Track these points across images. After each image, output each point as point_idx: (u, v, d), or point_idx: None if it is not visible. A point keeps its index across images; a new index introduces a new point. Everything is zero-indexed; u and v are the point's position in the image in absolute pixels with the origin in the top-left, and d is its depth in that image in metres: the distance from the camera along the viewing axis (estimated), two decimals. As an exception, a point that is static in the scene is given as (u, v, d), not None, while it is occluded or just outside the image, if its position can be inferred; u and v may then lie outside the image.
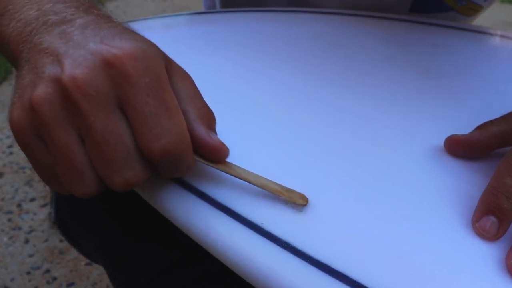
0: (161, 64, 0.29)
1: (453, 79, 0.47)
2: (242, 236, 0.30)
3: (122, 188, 0.29)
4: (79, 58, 0.28)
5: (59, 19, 0.31)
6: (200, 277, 0.42)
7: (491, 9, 0.73)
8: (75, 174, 0.28)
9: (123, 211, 0.47)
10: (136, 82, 0.27)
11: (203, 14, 0.56)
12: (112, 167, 0.28)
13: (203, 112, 0.31)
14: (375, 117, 0.40)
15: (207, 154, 0.31)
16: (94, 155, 0.28)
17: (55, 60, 0.28)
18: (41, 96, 0.27)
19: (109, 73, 0.27)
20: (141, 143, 0.28)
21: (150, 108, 0.27)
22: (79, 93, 0.27)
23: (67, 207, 0.54)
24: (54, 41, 0.29)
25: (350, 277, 0.28)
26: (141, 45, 0.29)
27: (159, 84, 0.28)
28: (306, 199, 0.31)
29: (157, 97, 0.28)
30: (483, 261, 0.29)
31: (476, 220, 0.31)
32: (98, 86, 0.27)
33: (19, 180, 1.23)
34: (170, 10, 2.07)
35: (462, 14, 0.63)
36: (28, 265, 1.03)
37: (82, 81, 0.27)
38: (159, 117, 0.28)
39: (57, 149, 0.28)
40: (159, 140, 0.28)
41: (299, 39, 0.51)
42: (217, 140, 0.31)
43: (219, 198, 0.32)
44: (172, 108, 0.28)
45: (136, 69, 0.27)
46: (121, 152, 0.28)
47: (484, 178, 0.34)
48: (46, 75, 0.28)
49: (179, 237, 0.36)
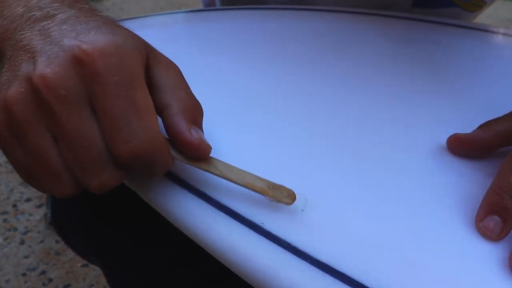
0: (136, 59, 0.28)
1: (455, 77, 0.47)
2: (241, 236, 0.30)
3: (98, 190, 0.28)
4: (52, 55, 0.27)
5: (42, 14, 0.30)
6: (199, 277, 0.42)
7: (494, 6, 0.73)
8: (51, 175, 0.28)
9: (120, 211, 0.47)
10: (104, 81, 0.27)
11: (202, 12, 0.56)
12: (86, 169, 0.27)
13: (188, 105, 0.31)
14: (377, 115, 0.40)
15: (186, 151, 0.30)
16: (68, 157, 0.27)
17: (30, 58, 0.28)
18: (13, 96, 0.27)
19: (79, 72, 0.27)
20: (110, 146, 0.27)
21: (119, 109, 0.27)
22: (49, 93, 0.26)
23: (63, 207, 0.54)
24: (33, 38, 0.29)
25: (352, 277, 0.28)
26: (116, 39, 0.28)
27: (129, 83, 0.27)
28: (293, 197, 0.31)
29: (126, 97, 0.27)
30: (486, 261, 0.30)
31: (479, 219, 0.31)
32: (68, 85, 0.26)
33: (14, 180, 1.23)
34: (168, 8, 2.06)
35: (466, 10, 0.63)
36: (24, 267, 1.03)
37: (51, 81, 0.26)
38: (128, 118, 0.27)
39: (32, 150, 0.27)
40: (127, 143, 0.27)
41: (299, 37, 0.51)
42: (197, 137, 0.30)
43: (218, 198, 0.32)
44: (143, 109, 0.27)
45: (106, 67, 0.27)
46: (94, 155, 0.27)
47: (487, 177, 0.34)
48: (20, 73, 0.28)
49: (175, 236, 0.36)
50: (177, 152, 0.31)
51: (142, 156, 0.27)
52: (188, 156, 0.31)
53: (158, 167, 0.29)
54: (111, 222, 0.47)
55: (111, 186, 0.29)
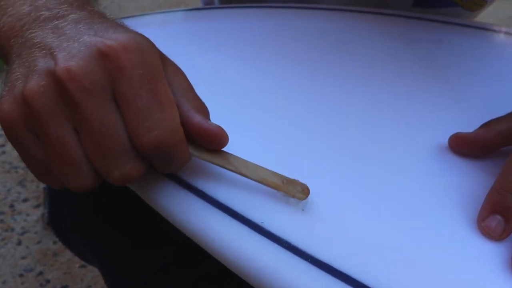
0: (156, 57, 0.29)
1: (457, 76, 0.47)
2: (241, 236, 0.30)
3: (120, 181, 0.29)
4: (73, 50, 0.28)
5: (51, 14, 0.31)
6: (199, 277, 0.42)
7: (495, 4, 0.73)
8: (71, 167, 0.28)
9: (117, 211, 0.46)
10: (129, 74, 0.27)
11: (201, 10, 0.56)
12: (109, 160, 0.28)
13: (197, 105, 0.31)
14: (378, 115, 0.40)
15: (206, 140, 0.31)
16: (90, 148, 0.28)
17: (47, 54, 0.28)
18: (34, 89, 0.27)
19: (103, 65, 0.27)
20: (132, 136, 0.28)
21: (143, 100, 0.28)
22: (74, 85, 0.27)
23: (61, 207, 0.54)
24: (46, 36, 0.29)
25: (353, 277, 0.28)
26: (136, 37, 0.29)
27: (153, 77, 0.28)
28: (307, 192, 0.31)
29: (150, 90, 0.28)
30: (488, 261, 0.30)
31: (481, 219, 0.31)
32: (93, 78, 0.27)
33: (12, 180, 1.23)
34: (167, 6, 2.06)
35: (467, 9, 0.63)
36: (21, 267, 1.02)
37: (77, 73, 0.27)
38: (151, 110, 0.28)
39: (52, 143, 0.28)
40: (150, 133, 0.28)
41: (299, 36, 0.51)
42: (215, 125, 0.31)
43: (217, 197, 0.31)
44: (165, 101, 0.28)
45: (131, 61, 0.28)
46: (118, 145, 0.28)
47: (489, 176, 0.34)
48: (39, 68, 0.28)
49: (174, 236, 0.36)
50: (193, 148, 0.31)
51: (164, 147, 0.28)
52: (203, 152, 0.32)
53: (177, 160, 0.30)
54: (109, 222, 0.47)
55: (133, 178, 0.29)
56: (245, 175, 0.32)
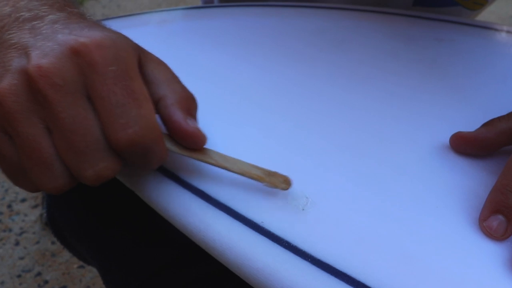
0: (131, 53, 0.29)
1: (458, 75, 0.47)
2: (241, 235, 0.30)
3: (94, 181, 0.29)
4: (46, 49, 0.28)
5: (31, 15, 0.31)
6: (198, 278, 0.42)
7: (497, 3, 0.73)
8: (44, 167, 0.28)
9: (117, 211, 0.46)
10: (102, 71, 0.27)
11: (200, 9, 0.56)
12: (82, 158, 0.28)
13: (182, 97, 0.31)
14: (378, 114, 0.40)
15: (182, 140, 0.31)
16: (62, 147, 0.28)
17: (22, 54, 0.28)
18: (6, 88, 0.27)
19: (76, 62, 0.28)
20: (107, 133, 0.28)
21: (117, 97, 0.28)
22: (45, 83, 0.27)
23: (59, 207, 0.54)
24: (23, 36, 0.29)
25: (353, 277, 0.28)
26: (110, 35, 0.29)
27: (126, 73, 0.28)
28: (289, 183, 0.31)
29: (124, 86, 0.28)
30: (490, 262, 0.29)
31: (483, 219, 0.31)
32: (65, 75, 0.27)
33: (9, 180, 1.23)
34: (166, 5, 2.06)
35: (468, 8, 0.63)
36: (19, 268, 1.02)
37: (48, 70, 0.27)
38: (126, 106, 0.28)
39: (24, 142, 0.28)
40: (125, 130, 0.28)
41: (299, 34, 0.51)
42: (193, 126, 0.31)
43: (217, 196, 0.31)
44: (141, 98, 0.28)
45: (103, 57, 0.28)
46: (91, 143, 0.28)
47: (491, 176, 0.34)
48: (13, 67, 0.28)
49: (173, 236, 0.36)
50: (172, 144, 0.31)
51: (140, 144, 0.28)
52: (183, 147, 0.31)
53: (154, 158, 0.30)
54: (108, 222, 0.47)
55: (106, 176, 0.29)
56: (226, 168, 0.32)
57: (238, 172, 0.31)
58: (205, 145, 0.32)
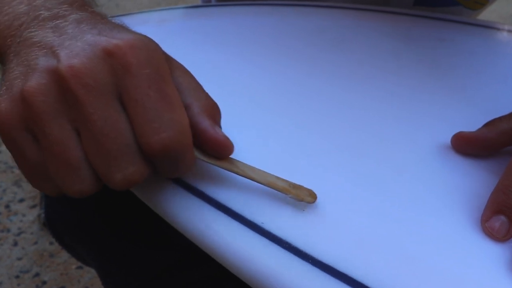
0: (163, 57, 0.29)
1: (460, 75, 0.47)
2: (241, 237, 0.30)
3: (122, 185, 0.28)
4: (76, 48, 0.27)
5: (51, 14, 0.30)
6: (199, 280, 0.42)
7: (499, 2, 0.73)
8: (71, 170, 0.27)
9: (116, 212, 0.46)
10: (137, 73, 0.27)
11: (200, 8, 0.56)
12: (112, 162, 0.27)
13: (208, 105, 0.31)
14: (379, 114, 0.40)
15: (211, 149, 0.31)
16: (92, 149, 0.27)
17: (49, 52, 0.28)
18: (35, 87, 0.27)
19: (109, 63, 0.27)
20: (140, 137, 0.27)
21: (151, 101, 0.27)
22: (77, 83, 0.26)
23: (57, 208, 0.54)
24: (46, 35, 0.29)
25: (354, 279, 0.28)
26: (141, 37, 0.28)
27: (161, 76, 0.28)
28: (314, 196, 0.31)
29: (158, 90, 0.27)
30: (492, 263, 0.29)
31: (485, 219, 0.31)
32: (98, 76, 0.27)
33: (7, 180, 1.23)
34: (165, 4, 2.06)
35: (468, 8, 0.63)
36: (17, 269, 1.02)
37: (80, 71, 0.26)
38: (160, 110, 0.27)
39: (51, 144, 0.27)
40: (159, 135, 0.27)
41: (299, 34, 0.51)
42: (222, 134, 0.30)
43: (217, 197, 0.31)
44: (174, 102, 0.28)
45: (137, 59, 0.27)
46: (122, 146, 0.27)
47: (492, 176, 0.34)
48: (40, 66, 0.27)
49: (173, 239, 0.36)
50: (199, 151, 0.31)
51: (172, 150, 0.28)
52: (209, 155, 0.31)
53: (184, 163, 0.29)
54: (107, 223, 0.47)
55: (135, 181, 0.28)
56: (253, 178, 0.31)
57: (264, 183, 0.31)
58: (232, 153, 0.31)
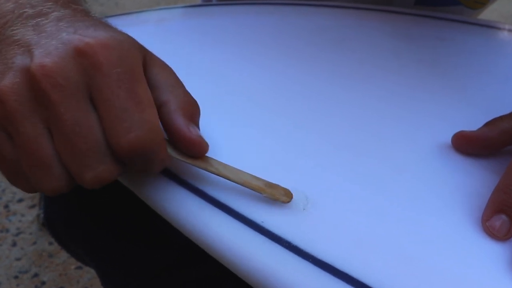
0: (136, 55, 0.29)
1: (460, 74, 0.47)
2: (241, 235, 0.30)
3: (93, 184, 0.28)
4: (50, 47, 0.28)
5: (35, 12, 0.31)
6: (198, 279, 0.42)
7: (500, 1, 0.73)
8: (43, 168, 0.28)
9: (115, 212, 0.46)
10: (107, 72, 0.27)
11: (199, 7, 0.56)
12: (82, 161, 0.28)
13: (185, 102, 0.31)
14: (380, 113, 0.40)
15: (184, 147, 0.31)
16: (63, 148, 0.28)
17: (25, 51, 0.28)
18: (8, 86, 0.27)
19: (80, 62, 0.27)
20: (109, 136, 0.28)
21: (121, 100, 0.27)
22: (48, 82, 0.27)
23: (56, 208, 0.54)
24: (26, 33, 0.29)
25: (355, 278, 0.28)
26: (115, 35, 0.29)
27: (131, 76, 0.28)
28: (290, 195, 0.31)
29: (128, 89, 0.27)
30: (493, 262, 0.29)
31: (486, 219, 0.31)
32: (68, 75, 0.27)
33: (6, 180, 1.22)
34: (164, 3, 2.06)
35: (469, 7, 0.63)
36: (16, 269, 1.02)
37: (51, 70, 0.27)
38: (130, 110, 0.27)
39: (24, 142, 0.27)
40: (128, 134, 0.27)
41: (300, 33, 0.51)
42: (195, 134, 0.31)
43: (217, 196, 0.31)
44: (144, 102, 0.28)
45: (109, 59, 0.27)
46: (92, 145, 0.27)
47: (493, 176, 0.34)
48: (15, 65, 0.28)
49: (172, 237, 0.36)
50: (174, 150, 0.31)
51: (142, 149, 0.28)
52: (184, 154, 0.31)
53: (155, 163, 0.29)
54: (106, 222, 0.47)
55: (106, 181, 0.29)
56: (227, 177, 0.31)
57: (238, 182, 0.31)
58: (207, 153, 0.31)
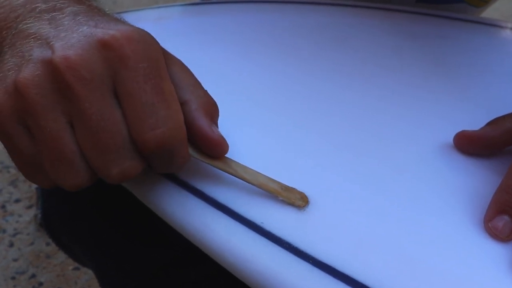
0: (160, 51, 0.29)
1: (462, 73, 0.47)
2: (241, 236, 0.30)
3: (118, 179, 0.28)
4: (72, 40, 0.27)
5: (48, 7, 0.30)
6: (196, 279, 0.42)
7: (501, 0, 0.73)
8: (66, 164, 0.27)
9: (113, 211, 0.46)
10: (133, 66, 0.27)
11: (198, 5, 0.56)
12: (108, 156, 0.27)
13: (206, 102, 0.31)
14: (381, 112, 0.40)
15: (206, 147, 0.31)
16: (87, 143, 0.27)
17: (44, 44, 0.27)
18: (28, 78, 0.26)
19: (105, 55, 0.27)
20: (134, 132, 0.27)
21: (147, 96, 0.27)
22: (72, 75, 0.26)
23: (54, 208, 0.54)
24: (42, 27, 0.28)
25: (355, 279, 0.28)
26: (139, 30, 0.28)
27: (157, 71, 0.27)
28: (306, 200, 0.31)
29: (155, 85, 0.27)
30: (495, 263, 0.29)
31: (488, 219, 0.31)
32: (93, 68, 0.26)
33: (3, 180, 1.22)
34: (163, 1, 2.06)
35: (472, 5, 0.63)
36: (13, 270, 1.02)
37: (75, 62, 0.26)
38: (156, 106, 0.27)
39: (45, 136, 0.27)
40: (154, 131, 0.27)
41: (300, 31, 0.51)
42: (218, 133, 0.31)
43: (216, 197, 0.31)
44: (170, 98, 0.28)
45: (135, 52, 0.27)
46: (118, 141, 0.27)
47: (496, 176, 0.34)
48: (34, 57, 0.27)
49: (170, 237, 0.36)
50: (193, 149, 0.31)
51: (166, 145, 0.28)
52: (203, 153, 0.31)
53: (177, 160, 0.29)
54: (104, 222, 0.47)
55: (131, 176, 0.28)
56: (245, 179, 0.31)
57: (255, 184, 0.31)
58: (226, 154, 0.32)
